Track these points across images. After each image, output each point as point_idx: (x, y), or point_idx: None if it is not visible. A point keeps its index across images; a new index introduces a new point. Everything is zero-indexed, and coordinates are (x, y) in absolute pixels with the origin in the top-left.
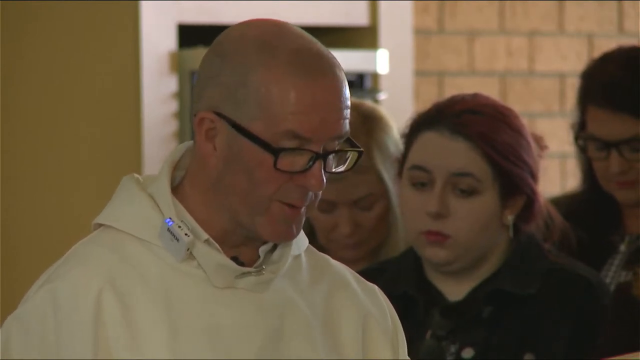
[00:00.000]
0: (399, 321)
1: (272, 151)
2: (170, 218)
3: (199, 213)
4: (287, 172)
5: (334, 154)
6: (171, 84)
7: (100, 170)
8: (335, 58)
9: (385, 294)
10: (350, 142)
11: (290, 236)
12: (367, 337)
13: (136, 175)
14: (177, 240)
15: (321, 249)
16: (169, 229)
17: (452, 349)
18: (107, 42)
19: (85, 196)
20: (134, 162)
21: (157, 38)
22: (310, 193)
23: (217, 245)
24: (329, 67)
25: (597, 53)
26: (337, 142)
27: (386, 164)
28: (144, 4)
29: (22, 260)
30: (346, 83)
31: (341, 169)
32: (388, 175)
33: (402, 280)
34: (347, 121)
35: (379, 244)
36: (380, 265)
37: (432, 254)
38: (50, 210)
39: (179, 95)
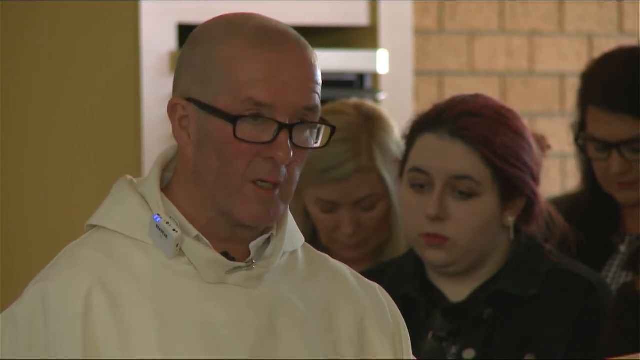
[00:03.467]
0: (402, 320)
1: (230, 119)
2: (158, 214)
3: (187, 209)
4: (250, 142)
5: (300, 126)
6: (171, 84)
7: (101, 171)
8: (306, 42)
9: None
10: (323, 120)
11: (266, 218)
12: (365, 336)
13: (129, 176)
14: (166, 236)
15: (324, 249)
16: (157, 226)
17: (454, 349)
18: (107, 42)
19: (85, 196)
20: (134, 162)
21: (157, 38)
22: (284, 170)
23: (206, 240)
24: (293, 42)
25: (597, 53)
26: (305, 116)
27: (387, 165)
28: (144, 4)
29: (22, 260)
30: (316, 64)
31: (317, 144)
32: (389, 175)
33: (404, 281)
34: (316, 95)
35: (380, 244)
36: (381, 266)
37: (431, 256)
38: (50, 210)
39: None
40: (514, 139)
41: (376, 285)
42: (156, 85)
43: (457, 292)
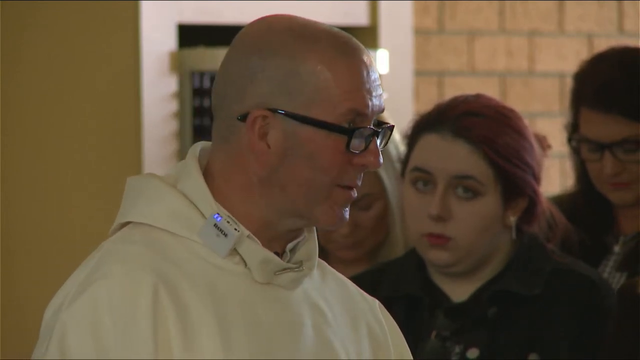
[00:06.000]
0: (398, 330)
1: (345, 132)
2: (218, 214)
3: (237, 209)
4: (355, 152)
5: (383, 131)
6: (171, 84)
7: (100, 170)
8: None
9: (389, 295)
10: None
11: (344, 220)
12: (369, 340)
13: (154, 174)
14: (225, 235)
15: (321, 250)
16: (216, 225)
17: (457, 349)
18: (107, 42)
19: (85, 196)
20: (134, 162)
21: (157, 38)
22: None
23: (257, 240)
24: (360, 45)
25: (593, 54)
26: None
27: (384, 164)
28: (144, 4)
29: (22, 260)
30: None
31: (382, 145)
32: (386, 175)
33: (406, 281)
34: None
35: (377, 244)
36: (383, 266)
37: (434, 256)
38: (50, 209)
39: (179, 95)
40: (516, 139)
41: (377, 301)
42: (156, 85)
43: (459, 291)
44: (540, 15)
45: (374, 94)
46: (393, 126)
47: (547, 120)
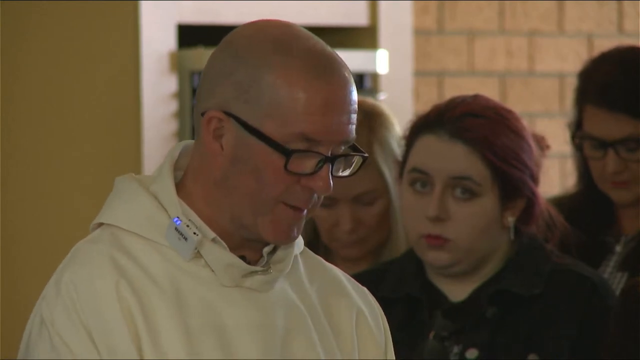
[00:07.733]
0: (387, 325)
1: (284, 152)
2: (177, 217)
3: (202, 211)
4: (296, 174)
5: (341, 158)
6: (171, 84)
7: (100, 170)
8: (342, 60)
9: (388, 296)
10: (354, 147)
11: (290, 238)
12: (359, 334)
13: (134, 175)
14: (186, 239)
15: (324, 248)
16: (176, 228)
17: (456, 349)
18: (107, 42)
19: (85, 196)
20: (134, 162)
21: (157, 38)
22: (315, 195)
23: (224, 243)
24: (340, 69)
25: (597, 53)
26: (343, 147)
27: (387, 161)
28: (144, 4)
29: (22, 260)
30: (354, 85)
31: (346, 173)
32: (389, 171)
33: (405, 281)
34: (354, 126)
35: (380, 242)
36: (382, 266)
37: (433, 257)
38: (50, 209)
39: (179, 95)
40: (514, 140)
41: (365, 289)
42: (156, 85)
43: (457, 292)
44: (540, 16)
45: (335, 120)
46: (365, 156)
47: (546, 121)
